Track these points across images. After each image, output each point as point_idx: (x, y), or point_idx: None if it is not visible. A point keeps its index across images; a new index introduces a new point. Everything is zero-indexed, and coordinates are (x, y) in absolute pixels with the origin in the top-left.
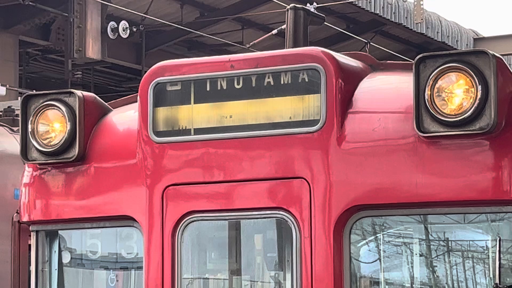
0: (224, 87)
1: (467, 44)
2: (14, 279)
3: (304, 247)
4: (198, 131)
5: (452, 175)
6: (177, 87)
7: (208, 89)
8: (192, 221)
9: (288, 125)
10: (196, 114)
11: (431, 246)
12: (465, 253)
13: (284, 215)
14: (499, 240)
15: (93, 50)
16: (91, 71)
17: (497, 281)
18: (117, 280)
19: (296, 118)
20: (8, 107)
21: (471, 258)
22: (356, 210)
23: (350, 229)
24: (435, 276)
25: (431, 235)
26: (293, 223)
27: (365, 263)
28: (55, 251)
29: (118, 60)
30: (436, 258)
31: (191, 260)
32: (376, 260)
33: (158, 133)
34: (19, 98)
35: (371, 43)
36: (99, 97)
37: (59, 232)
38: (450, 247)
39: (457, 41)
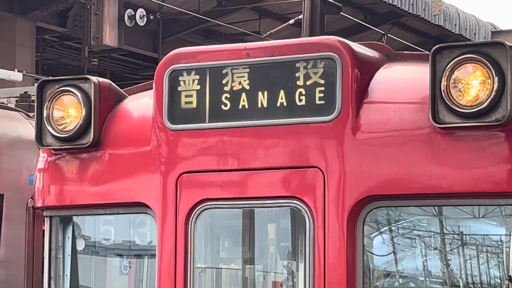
0: (240, 75)
1: (484, 37)
2: (28, 264)
3: (317, 236)
4: (213, 119)
5: (467, 167)
6: (192, 75)
7: (223, 76)
8: (206, 209)
9: (303, 114)
10: (211, 102)
11: (445, 238)
12: (479, 246)
13: (298, 204)
14: None
15: (109, 38)
16: (107, 59)
17: (511, 273)
18: (130, 267)
19: (311, 107)
20: (25, 92)
21: (485, 251)
22: (370, 200)
23: (364, 220)
24: (448, 268)
25: (446, 228)
26: (306, 213)
27: (378, 253)
28: (68, 237)
29: (135, 48)
30: (449, 250)
31: (204, 248)
32: (389, 251)
33: (173, 120)
34: (36, 84)
35: (388, 35)
36: (116, 84)
37: (73, 218)
38: (463, 240)
39: (474, 33)
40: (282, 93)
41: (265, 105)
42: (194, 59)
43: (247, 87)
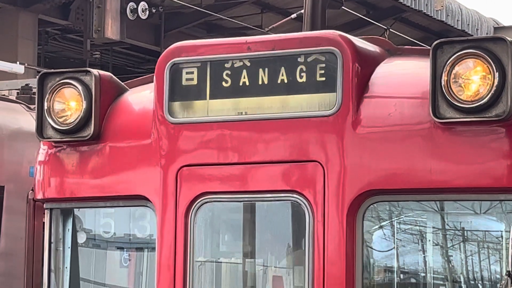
0: (241, 69)
1: (487, 33)
2: (28, 256)
3: (317, 230)
4: (213, 112)
5: (467, 162)
6: (193, 68)
7: (224, 70)
8: (206, 202)
9: (303, 108)
10: (211, 95)
11: (445, 234)
12: (479, 241)
13: (297, 198)
14: None
15: (112, 31)
16: (109, 52)
17: (510, 268)
18: (130, 260)
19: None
20: (26, 84)
21: (485, 247)
22: (369, 194)
23: (363, 214)
24: (448, 263)
25: (446, 223)
26: (306, 207)
27: (378, 247)
28: (68, 230)
29: (137, 41)
30: (449, 245)
31: (204, 241)
32: (388, 245)
33: (173, 114)
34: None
35: (390, 30)
36: (118, 78)
37: (73, 210)
38: (463, 235)
39: (477, 29)
40: (282, 85)
41: (265, 98)
42: (195, 52)
43: (247, 79)
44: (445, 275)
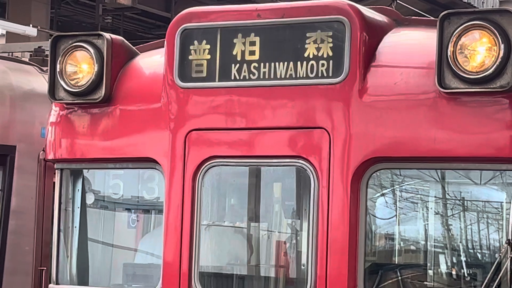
0: (250, 36)
1: (492, 6)
2: (38, 215)
3: (321, 196)
4: (222, 77)
5: (470, 132)
6: (203, 34)
7: (233, 36)
8: (213, 166)
9: (310, 76)
10: (221, 61)
11: (446, 203)
12: (479, 210)
13: (303, 164)
14: None
15: None
16: (121, 17)
17: (510, 237)
18: (137, 221)
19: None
20: (39, 47)
21: (485, 216)
22: (374, 162)
23: (368, 181)
24: (448, 231)
25: (448, 193)
26: (311, 172)
27: (381, 214)
28: (78, 190)
29: (148, 7)
30: (450, 214)
31: (210, 204)
32: (390, 212)
33: (183, 78)
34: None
35: (397, 1)
36: (129, 43)
37: (83, 171)
38: (465, 204)
39: (483, 2)
40: (291, 51)
41: (276, 67)
42: (205, 18)
43: (257, 47)
44: (445, 243)
